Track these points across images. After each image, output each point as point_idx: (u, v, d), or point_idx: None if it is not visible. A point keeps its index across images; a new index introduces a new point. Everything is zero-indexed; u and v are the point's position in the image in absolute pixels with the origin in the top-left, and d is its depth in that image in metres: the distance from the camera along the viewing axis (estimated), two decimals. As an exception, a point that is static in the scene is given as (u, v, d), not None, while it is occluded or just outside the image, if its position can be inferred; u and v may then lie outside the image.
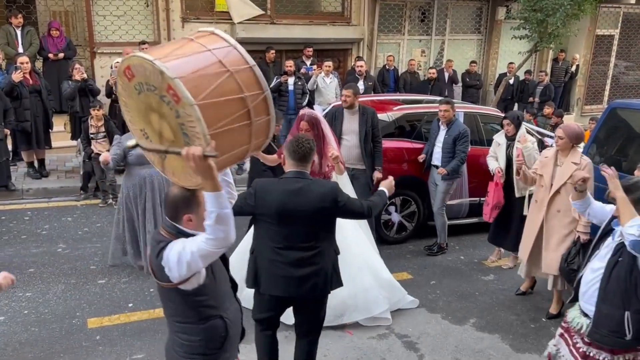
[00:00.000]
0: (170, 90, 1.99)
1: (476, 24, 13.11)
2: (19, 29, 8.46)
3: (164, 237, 2.37)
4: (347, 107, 5.85)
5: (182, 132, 2.07)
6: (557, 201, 4.61)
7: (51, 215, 6.76)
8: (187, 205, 2.34)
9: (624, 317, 2.93)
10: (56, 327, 4.42)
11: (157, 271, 2.36)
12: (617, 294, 2.96)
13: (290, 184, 3.26)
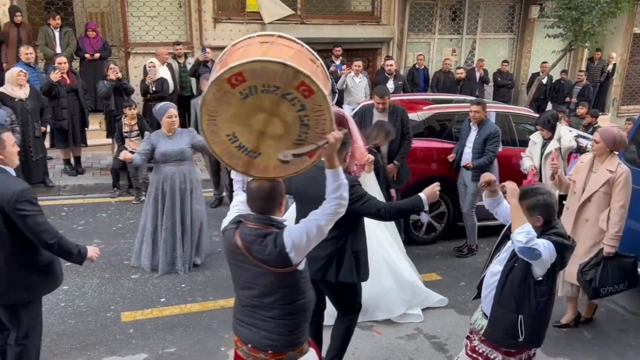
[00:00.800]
0: (302, 86, 2.20)
1: (508, 23, 12.92)
2: (57, 30, 8.71)
3: (262, 228, 2.51)
4: (381, 111, 5.83)
5: (301, 124, 2.30)
6: (586, 210, 4.37)
7: (86, 211, 6.95)
8: (282, 194, 2.58)
9: (518, 320, 2.98)
10: (91, 319, 4.55)
11: (275, 260, 2.46)
12: (512, 298, 3.00)
13: (312, 171, 3.24)
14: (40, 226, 3.10)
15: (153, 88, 8.02)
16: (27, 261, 3.21)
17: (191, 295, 5.00)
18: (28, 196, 3.09)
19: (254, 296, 2.59)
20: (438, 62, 12.07)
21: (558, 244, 2.88)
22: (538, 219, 2.95)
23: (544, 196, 2.94)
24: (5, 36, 8.47)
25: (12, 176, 3.19)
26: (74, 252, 3.27)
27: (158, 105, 5.30)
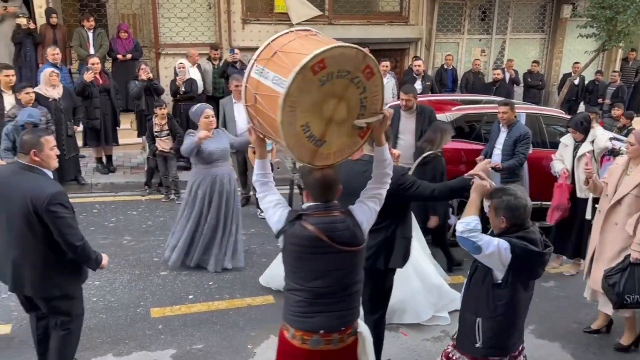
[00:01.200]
0: (367, 69, 2.40)
1: (539, 23, 12.71)
2: (90, 31, 8.91)
3: (339, 214, 2.64)
4: (407, 109, 5.84)
5: (360, 105, 2.48)
6: (616, 213, 4.25)
7: (117, 209, 7.09)
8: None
9: (476, 323, 2.94)
10: (122, 314, 4.65)
11: (358, 239, 2.66)
12: (472, 300, 3.00)
13: (360, 166, 3.44)
14: (70, 229, 3.22)
15: (182, 89, 8.14)
16: (59, 259, 3.32)
17: (218, 292, 5.07)
18: (61, 199, 3.20)
19: (333, 281, 2.65)
20: (467, 63, 11.95)
21: (518, 247, 2.78)
22: (502, 220, 2.89)
23: (510, 197, 2.85)
24: (42, 37, 8.70)
25: (48, 178, 3.29)
26: (92, 258, 3.41)
27: (194, 107, 5.30)
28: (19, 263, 3.31)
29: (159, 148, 7.23)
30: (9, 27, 8.68)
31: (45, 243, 3.25)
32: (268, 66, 2.40)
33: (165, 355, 4.13)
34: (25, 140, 3.28)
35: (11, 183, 3.26)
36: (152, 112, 7.43)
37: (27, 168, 3.25)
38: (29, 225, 3.20)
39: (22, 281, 3.35)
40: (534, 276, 2.94)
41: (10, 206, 3.22)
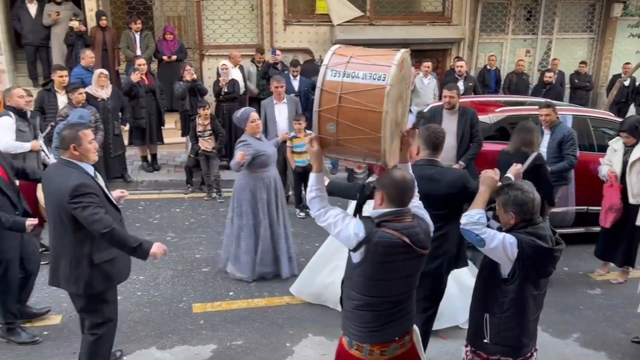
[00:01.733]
0: (409, 73, 2.71)
1: (588, 22, 12.32)
2: (137, 33, 9.18)
3: (414, 219, 2.62)
4: (449, 107, 5.79)
5: (405, 104, 2.73)
6: None
7: (161, 206, 7.29)
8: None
9: (484, 318, 2.93)
10: (165, 309, 4.78)
11: (430, 241, 2.68)
12: (481, 295, 3.01)
13: (424, 170, 3.55)
14: (94, 216, 3.13)
15: (225, 89, 8.29)
16: (90, 256, 3.29)
17: (258, 290, 5.14)
18: (81, 190, 3.14)
19: (409, 286, 2.68)
20: (510, 63, 11.69)
21: (525, 242, 2.76)
22: (511, 216, 2.87)
23: (517, 192, 2.84)
24: (92, 40, 9.02)
25: (77, 171, 3.23)
26: (133, 246, 3.23)
27: (238, 112, 5.26)
28: (55, 256, 3.36)
29: (202, 147, 7.39)
30: (62, 30, 9.03)
31: (76, 237, 3.24)
32: (350, 68, 2.47)
33: (206, 350, 4.22)
34: (64, 136, 3.30)
35: (50, 178, 3.33)
36: (195, 112, 7.60)
37: (65, 163, 3.28)
38: (60, 218, 3.22)
39: (58, 275, 3.36)
40: (543, 274, 2.90)
41: (49, 200, 3.32)
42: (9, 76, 9.39)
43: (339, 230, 2.56)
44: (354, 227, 2.52)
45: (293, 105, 7.25)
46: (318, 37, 10.60)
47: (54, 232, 3.32)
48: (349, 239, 2.52)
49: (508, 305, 2.86)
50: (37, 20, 9.12)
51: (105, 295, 3.44)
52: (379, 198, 2.60)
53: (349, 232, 2.52)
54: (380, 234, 2.49)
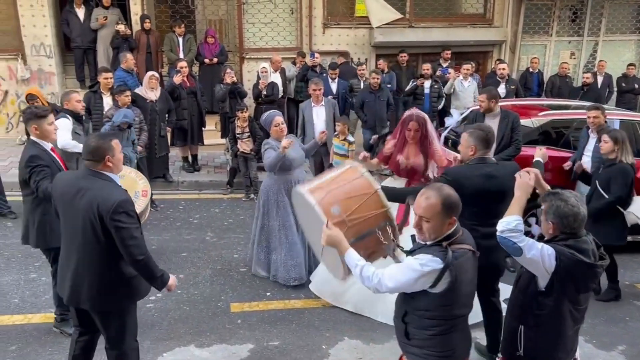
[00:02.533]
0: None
1: (637, 23, 11.90)
2: (180, 37, 9.40)
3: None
4: (484, 111, 5.71)
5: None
6: None
7: (201, 206, 7.42)
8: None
9: (518, 330, 2.84)
10: (204, 307, 4.86)
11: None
12: (517, 306, 2.92)
13: (481, 169, 3.64)
14: (133, 240, 3.01)
15: (264, 92, 8.38)
16: (118, 272, 3.15)
17: (295, 292, 5.16)
18: (126, 207, 3.01)
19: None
20: (554, 66, 11.41)
21: (564, 255, 2.64)
22: (551, 226, 2.76)
23: (561, 203, 2.71)
24: (137, 43, 9.28)
25: (116, 184, 3.14)
26: (157, 275, 3.17)
27: (264, 115, 5.31)
28: (80, 273, 3.15)
29: (240, 149, 7.49)
30: (109, 33, 9.33)
31: (108, 253, 3.07)
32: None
33: (244, 350, 4.27)
34: (96, 146, 3.09)
35: (79, 189, 3.07)
36: (235, 114, 7.70)
37: (97, 175, 3.10)
38: (93, 232, 3.02)
39: (80, 292, 3.16)
40: (582, 289, 2.77)
41: (76, 213, 3.07)
42: (58, 78, 9.76)
43: (414, 279, 2.47)
44: (427, 264, 2.45)
45: (331, 107, 7.27)
46: (357, 39, 10.60)
47: (80, 246, 3.11)
48: (424, 281, 2.46)
49: (544, 319, 2.77)
50: (85, 24, 9.45)
51: (129, 310, 3.33)
52: (448, 224, 2.55)
53: (425, 269, 2.45)
54: (455, 255, 2.47)
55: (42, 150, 3.96)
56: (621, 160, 4.85)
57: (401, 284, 2.51)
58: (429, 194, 2.54)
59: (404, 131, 4.79)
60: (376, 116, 8.25)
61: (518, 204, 2.84)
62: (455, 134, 6.92)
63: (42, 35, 9.51)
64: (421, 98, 8.94)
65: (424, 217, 2.52)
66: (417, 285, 2.49)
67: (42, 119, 3.94)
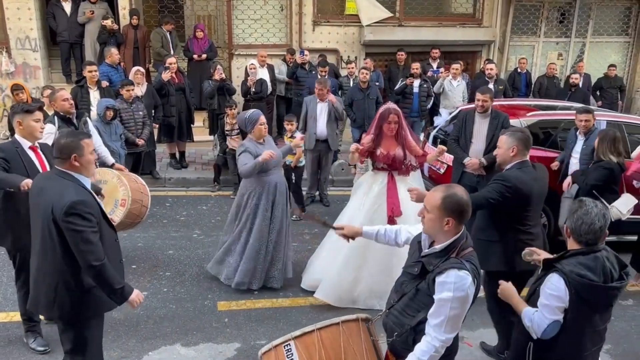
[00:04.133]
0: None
1: (623, 25, 12.02)
2: (169, 33, 9.30)
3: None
4: (482, 111, 5.73)
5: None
6: None
7: (188, 203, 7.36)
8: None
9: (528, 346, 2.75)
10: (190, 306, 4.82)
11: None
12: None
13: (529, 173, 3.73)
14: (86, 245, 2.81)
15: (253, 89, 8.33)
16: (77, 280, 2.96)
17: (282, 290, 5.15)
18: (79, 208, 2.80)
19: None
20: (542, 67, 11.49)
21: (572, 280, 2.54)
22: (566, 230, 2.73)
23: (580, 211, 2.65)
24: (124, 38, 9.18)
25: (76, 185, 2.91)
26: (115, 287, 2.92)
27: (247, 114, 4.99)
28: (37, 278, 3.02)
29: (230, 146, 7.45)
30: (96, 28, 9.21)
31: (66, 259, 2.89)
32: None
33: (231, 349, 4.24)
34: (64, 144, 2.91)
35: (42, 189, 2.95)
36: (224, 111, 7.65)
37: (61, 174, 2.93)
38: (50, 235, 2.87)
39: (38, 298, 3.03)
40: (599, 310, 2.65)
41: (37, 214, 2.95)
42: (43, 72, 9.62)
43: (459, 312, 2.42)
44: (464, 284, 2.38)
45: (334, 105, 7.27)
46: (347, 37, 10.58)
47: (39, 250, 2.96)
48: (471, 291, 2.41)
49: (559, 340, 2.64)
50: (72, 18, 9.32)
51: (89, 324, 3.08)
52: (444, 223, 2.46)
53: (464, 290, 2.38)
54: (471, 259, 2.45)
55: (13, 147, 3.77)
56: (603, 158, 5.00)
57: (462, 316, 2.45)
58: (439, 188, 2.54)
59: (384, 125, 4.83)
60: (365, 114, 8.24)
61: (516, 303, 2.84)
62: (444, 133, 6.94)
63: (28, 29, 9.36)
64: (410, 97, 8.93)
65: (426, 207, 2.52)
66: (470, 303, 2.45)
67: (28, 114, 3.79)
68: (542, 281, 2.70)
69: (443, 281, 2.38)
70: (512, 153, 3.74)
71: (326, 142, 7.20)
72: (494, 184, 3.69)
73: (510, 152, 3.75)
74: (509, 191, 3.60)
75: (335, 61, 10.32)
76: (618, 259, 2.71)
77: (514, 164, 3.75)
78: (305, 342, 2.60)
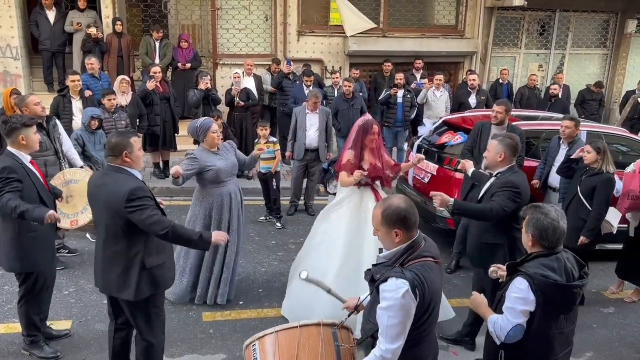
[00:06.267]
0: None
1: (602, 38, 12.30)
2: (157, 41, 9.28)
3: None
4: (497, 123, 5.75)
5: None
6: None
7: (172, 213, 7.28)
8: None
9: (499, 354, 2.77)
10: (175, 317, 4.76)
11: None
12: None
13: (522, 174, 4.05)
14: (150, 219, 3.17)
15: (237, 99, 8.33)
16: (141, 260, 3.31)
17: (268, 300, 5.12)
18: (138, 193, 3.17)
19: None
20: (523, 77, 11.70)
21: (537, 280, 2.59)
22: (530, 238, 2.74)
23: (541, 216, 2.69)
24: (108, 46, 9.12)
25: (131, 177, 3.29)
26: (194, 238, 3.37)
27: (198, 122, 4.80)
28: (107, 264, 3.35)
29: (214, 155, 7.40)
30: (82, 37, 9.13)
31: (129, 242, 3.27)
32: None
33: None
34: (116, 143, 3.29)
35: (102, 185, 3.29)
36: (209, 120, 7.62)
37: (116, 169, 3.29)
38: (114, 225, 3.23)
39: (109, 281, 3.37)
40: (563, 311, 2.70)
41: (100, 207, 3.29)
42: (25, 81, 9.51)
43: (397, 321, 2.36)
44: (396, 290, 2.34)
45: (324, 116, 7.29)
46: (331, 47, 10.66)
47: (106, 240, 3.32)
48: (406, 301, 2.34)
49: (528, 345, 2.67)
50: (55, 27, 9.23)
51: (154, 300, 3.50)
52: (394, 235, 2.47)
53: (397, 299, 2.33)
54: (415, 268, 2.40)
55: (18, 163, 3.79)
56: (606, 170, 4.99)
57: (401, 325, 2.38)
58: (377, 205, 2.55)
59: (367, 137, 4.64)
60: (350, 124, 8.25)
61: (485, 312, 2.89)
62: (428, 142, 7.01)
63: (9, 37, 9.26)
64: (394, 107, 9.02)
65: (374, 226, 2.55)
66: (412, 313, 2.38)
67: (28, 128, 3.84)
68: (507, 287, 2.76)
69: (382, 289, 2.40)
70: (499, 158, 3.97)
71: (316, 152, 7.23)
72: (504, 192, 3.88)
73: (498, 157, 3.98)
74: (518, 196, 3.87)
75: (320, 71, 10.38)
76: (576, 259, 2.81)
77: (506, 168, 3.99)
78: (264, 343, 2.73)
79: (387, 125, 9.22)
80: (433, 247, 2.56)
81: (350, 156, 4.66)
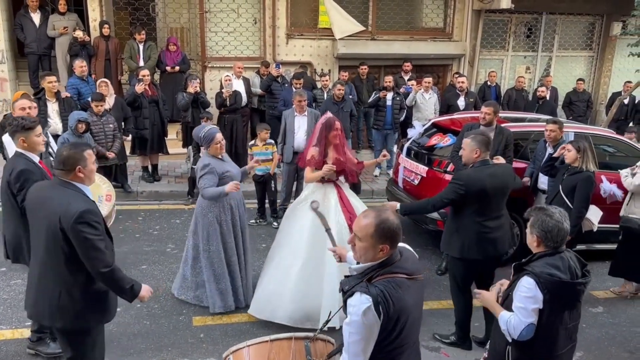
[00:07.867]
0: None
1: (587, 40, 12.44)
2: (141, 44, 9.21)
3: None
4: (485, 124, 5.82)
5: None
6: None
7: (161, 217, 7.25)
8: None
9: (506, 350, 2.88)
10: (165, 322, 4.73)
11: None
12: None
13: (485, 170, 4.19)
14: (95, 252, 2.90)
15: (227, 103, 8.30)
16: (84, 287, 3.03)
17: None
18: (89, 218, 2.89)
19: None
20: (511, 80, 11.79)
21: (543, 279, 2.70)
22: (535, 239, 2.85)
23: (546, 218, 2.80)
24: (95, 50, 9.05)
25: (82, 195, 3.02)
26: (125, 287, 3.06)
27: (203, 132, 4.78)
28: (39, 287, 3.07)
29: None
30: (66, 40, 9.05)
31: (71, 267, 2.96)
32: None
33: (207, 364, 4.18)
34: (68, 156, 2.99)
35: (48, 198, 3.00)
36: (197, 123, 7.58)
37: (65, 184, 3.01)
38: (54, 243, 2.93)
39: (42, 307, 3.07)
40: (567, 307, 2.81)
41: (40, 224, 3.00)
42: (11, 85, 9.40)
43: (357, 338, 2.22)
44: (359, 305, 2.20)
45: (313, 118, 7.27)
46: (320, 50, 10.66)
47: (43, 258, 3.02)
48: (367, 318, 2.19)
49: (535, 341, 2.77)
50: (40, 30, 9.13)
51: (95, 331, 3.19)
52: (379, 249, 2.30)
53: (359, 315, 2.19)
54: (381, 287, 2.22)
55: (33, 163, 3.78)
56: (586, 168, 5.06)
57: (363, 342, 2.24)
58: (368, 214, 2.35)
59: (331, 134, 4.78)
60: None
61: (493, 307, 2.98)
62: (418, 144, 7.02)
63: (-6, 40, 9.16)
64: (383, 110, 9.05)
65: (357, 235, 2.33)
66: (375, 331, 2.24)
67: (30, 131, 3.78)
68: (514, 286, 2.85)
69: (348, 304, 2.28)
70: (475, 155, 4.21)
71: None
72: (449, 184, 4.25)
73: (474, 154, 4.21)
74: (461, 189, 4.12)
75: (309, 74, 10.38)
76: (578, 258, 2.92)
77: (476, 162, 4.23)
78: (238, 356, 2.74)
79: (376, 128, 9.25)
80: (410, 263, 2.38)
81: (315, 152, 4.85)
